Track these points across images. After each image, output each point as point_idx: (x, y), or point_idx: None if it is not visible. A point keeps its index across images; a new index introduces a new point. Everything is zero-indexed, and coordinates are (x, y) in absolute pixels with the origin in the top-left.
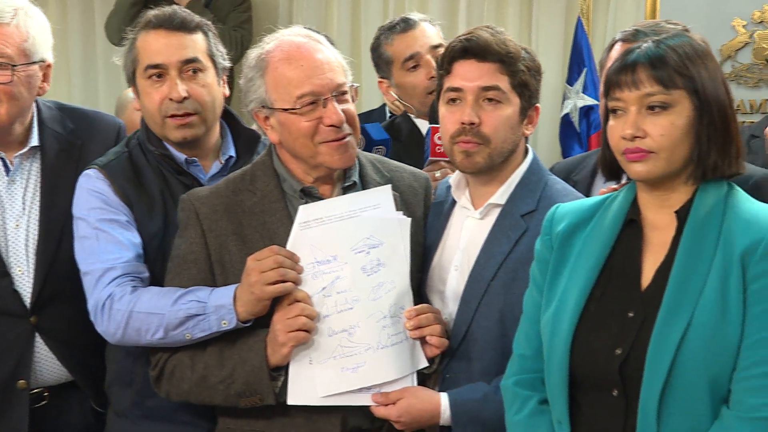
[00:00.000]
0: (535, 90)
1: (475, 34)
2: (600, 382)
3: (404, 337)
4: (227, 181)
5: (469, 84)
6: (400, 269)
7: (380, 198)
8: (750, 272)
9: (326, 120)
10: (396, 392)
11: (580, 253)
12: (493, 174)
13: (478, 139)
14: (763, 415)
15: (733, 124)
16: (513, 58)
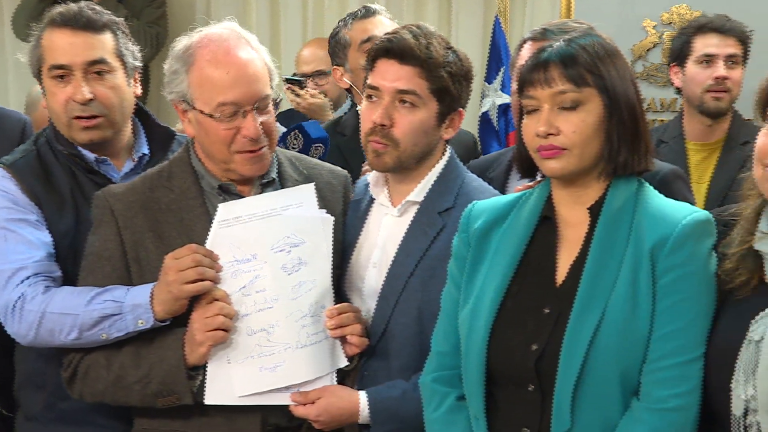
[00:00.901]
0: (457, 95)
1: (399, 35)
2: (516, 378)
3: (324, 336)
4: (144, 177)
5: (387, 84)
6: (321, 268)
7: (303, 196)
8: (659, 266)
9: (244, 131)
10: (315, 391)
11: (497, 250)
12: (410, 172)
13: (387, 140)
14: (671, 405)
15: (642, 122)
16: (434, 63)
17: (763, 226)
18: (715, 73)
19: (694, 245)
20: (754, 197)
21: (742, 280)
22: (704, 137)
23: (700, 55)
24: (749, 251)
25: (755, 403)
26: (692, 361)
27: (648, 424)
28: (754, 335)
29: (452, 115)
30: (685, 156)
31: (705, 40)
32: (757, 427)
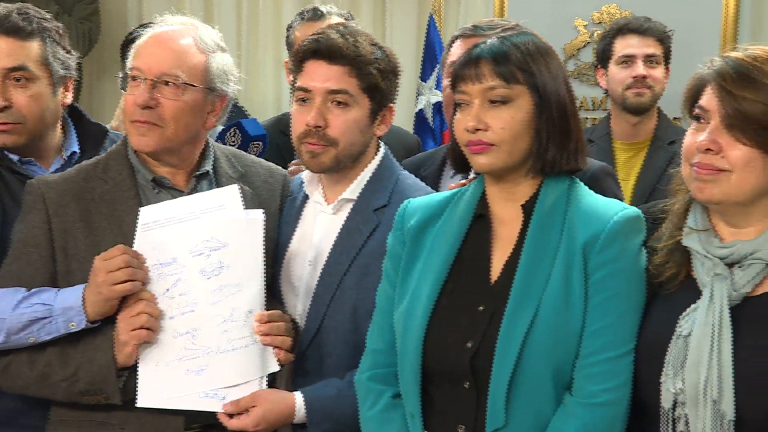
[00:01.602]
0: (387, 91)
1: (326, 34)
2: (452, 375)
3: (253, 341)
4: (79, 168)
5: (318, 85)
6: (248, 271)
7: (226, 198)
8: (591, 263)
9: (133, 98)
10: (247, 399)
11: (432, 248)
12: (345, 170)
13: (324, 141)
14: (602, 400)
15: (573, 121)
16: (363, 61)
17: (690, 221)
18: (634, 72)
19: (624, 242)
20: (683, 193)
21: (670, 274)
22: (631, 136)
23: (620, 56)
24: (677, 246)
25: (683, 396)
26: (622, 355)
27: (580, 418)
28: (682, 330)
29: (383, 112)
30: (612, 155)
31: (625, 41)
32: (685, 419)
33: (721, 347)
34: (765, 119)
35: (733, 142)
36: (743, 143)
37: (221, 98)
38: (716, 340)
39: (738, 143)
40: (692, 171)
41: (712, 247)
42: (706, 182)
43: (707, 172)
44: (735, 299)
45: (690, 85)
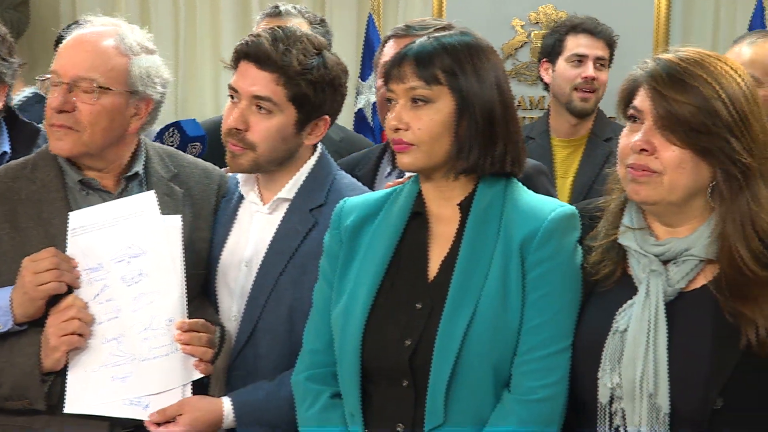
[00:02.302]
0: (319, 103)
1: (259, 38)
2: (391, 374)
3: (174, 349)
4: (7, 168)
5: (244, 88)
6: (167, 279)
7: (143, 204)
8: (528, 261)
9: (50, 101)
10: (174, 407)
11: (369, 247)
12: (280, 169)
13: (243, 144)
14: (539, 396)
15: (500, 125)
16: (292, 71)
17: (626, 220)
18: (584, 72)
19: (560, 239)
20: (618, 192)
21: (606, 272)
22: (569, 134)
23: (572, 54)
24: (613, 244)
25: (620, 390)
26: (560, 352)
27: (517, 415)
28: (619, 325)
29: (316, 122)
30: (550, 152)
31: (577, 40)
32: (622, 413)
33: (656, 342)
34: (694, 120)
35: (665, 143)
36: (675, 144)
37: (146, 101)
38: (652, 335)
39: (670, 144)
40: (627, 173)
41: (648, 245)
42: (641, 184)
43: (641, 174)
44: (670, 295)
45: (624, 87)
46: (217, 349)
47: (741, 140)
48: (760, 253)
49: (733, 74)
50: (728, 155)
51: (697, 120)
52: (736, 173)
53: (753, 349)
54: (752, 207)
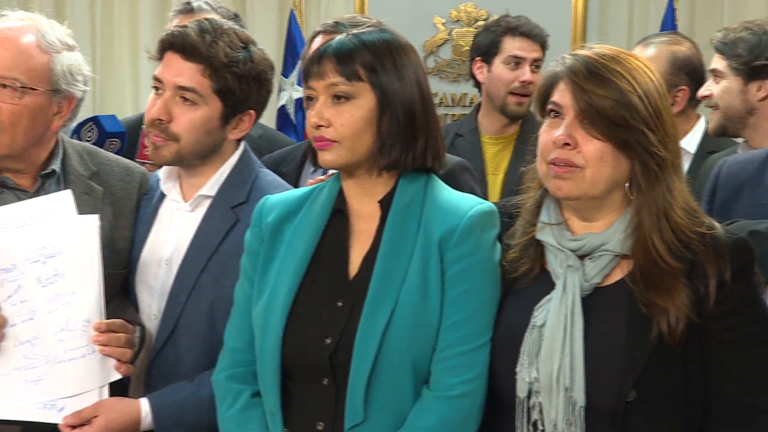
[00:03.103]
0: (244, 97)
1: (185, 29)
2: (311, 372)
3: (91, 350)
4: None
5: (169, 78)
6: (84, 279)
7: (58, 203)
8: (447, 258)
9: None
10: (89, 409)
11: (290, 244)
12: (202, 164)
13: (166, 135)
14: (458, 392)
15: (421, 121)
16: (218, 63)
17: (544, 216)
18: (522, 76)
19: (479, 236)
20: (535, 189)
21: (525, 269)
22: (499, 131)
23: (509, 56)
24: (531, 241)
25: (538, 384)
26: (478, 348)
27: (437, 412)
28: (537, 320)
29: (241, 116)
30: (480, 149)
31: (514, 42)
32: (540, 407)
33: (573, 336)
34: (614, 114)
35: (587, 137)
36: (596, 138)
37: (68, 99)
38: (569, 330)
39: (592, 138)
40: (549, 169)
41: (565, 240)
42: (564, 180)
43: (564, 170)
44: (586, 290)
45: (543, 82)
46: (137, 350)
47: (656, 133)
48: (673, 245)
49: (645, 70)
50: (645, 148)
51: (617, 113)
52: (653, 166)
53: (664, 339)
54: (667, 198)
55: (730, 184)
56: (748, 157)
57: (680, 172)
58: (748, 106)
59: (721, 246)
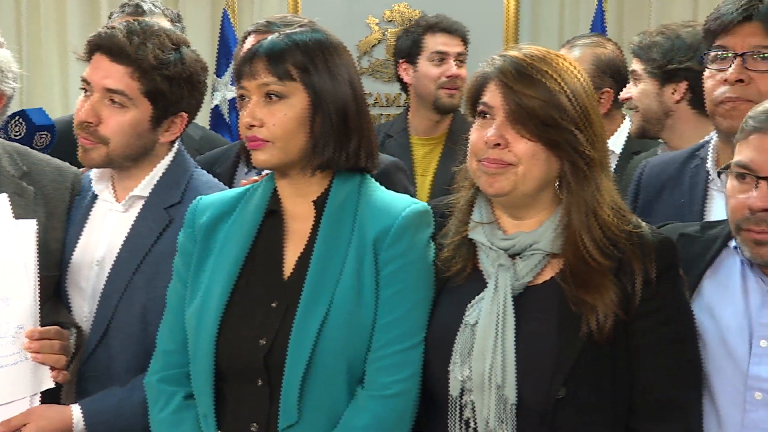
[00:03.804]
0: (175, 99)
1: (113, 30)
2: (245, 373)
3: (23, 357)
4: None
5: (97, 81)
6: (19, 285)
7: None
8: (381, 257)
9: None
10: (20, 417)
11: (223, 245)
12: (135, 166)
13: (94, 138)
14: (392, 392)
15: (354, 121)
16: (147, 66)
17: (476, 215)
18: (448, 71)
19: (413, 236)
20: (467, 188)
21: (458, 268)
22: (428, 132)
23: (433, 53)
24: (464, 240)
25: (470, 383)
26: (412, 347)
27: (371, 411)
28: (469, 319)
29: (173, 119)
30: (410, 149)
31: (435, 38)
32: (472, 405)
33: (504, 335)
34: (543, 114)
35: (517, 136)
36: (526, 138)
37: None
38: (500, 328)
39: (522, 138)
40: (480, 166)
41: (496, 239)
42: (494, 176)
43: (496, 166)
44: (517, 288)
45: (472, 83)
46: (72, 355)
47: (585, 133)
48: (602, 243)
49: (573, 71)
50: (575, 147)
51: (546, 113)
52: (582, 165)
53: (593, 336)
54: (596, 197)
55: (652, 185)
56: (669, 158)
57: (608, 171)
58: (665, 109)
59: (647, 245)
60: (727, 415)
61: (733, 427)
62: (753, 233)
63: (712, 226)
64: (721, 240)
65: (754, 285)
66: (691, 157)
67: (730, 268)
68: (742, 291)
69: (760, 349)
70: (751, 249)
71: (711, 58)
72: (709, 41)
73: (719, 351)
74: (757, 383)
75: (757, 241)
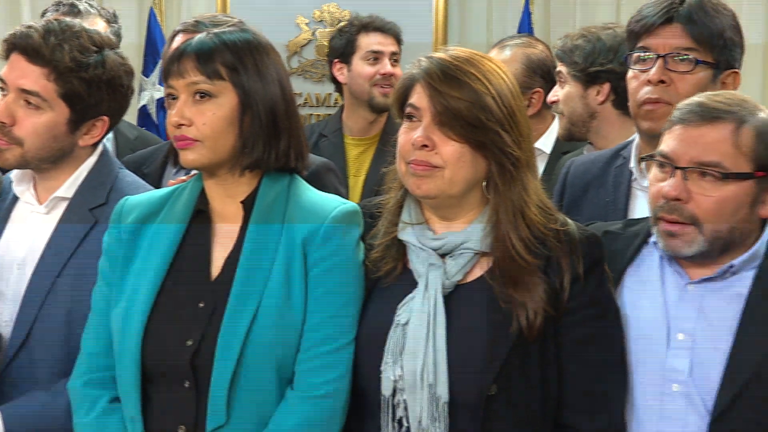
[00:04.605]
0: (95, 103)
1: (30, 30)
2: (172, 375)
3: None
4: None
5: (12, 81)
6: None
7: None
8: (310, 258)
9: None
10: None
11: (150, 246)
12: (55, 167)
13: (8, 138)
14: (322, 392)
15: (284, 121)
16: (63, 68)
17: (405, 216)
18: (382, 69)
19: (342, 236)
20: (396, 189)
21: (388, 269)
22: (362, 132)
23: (368, 52)
24: (393, 241)
25: (402, 382)
26: (342, 347)
27: (300, 412)
28: (400, 319)
29: (93, 122)
30: (343, 150)
31: (369, 38)
32: (404, 404)
33: (435, 333)
34: (470, 116)
35: (444, 138)
36: (453, 139)
37: None
38: (431, 327)
39: (449, 139)
40: (408, 168)
41: (426, 239)
42: (422, 178)
43: (423, 168)
44: (448, 287)
45: (400, 85)
46: None
47: (511, 134)
48: (530, 241)
49: (499, 72)
50: (501, 148)
51: (472, 115)
52: (509, 165)
53: (524, 333)
54: (523, 197)
55: (578, 184)
56: (594, 158)
57: (535, 171)
58: (590, 111)
59: (574, 242)
60: (645, 407)
61: (651, 418)
62: (665, 222)
63: (634, 223)
64: (642, 236)
65: (671, 279)
66: (615, 156)
67: (650, 263)
68: (661, 285)
69: (677, 342)
70: (664, 240)
71: (634, 59)
72: (632, 42)
73: (639, 344)
74: (674, 375)
75: (667, 232)
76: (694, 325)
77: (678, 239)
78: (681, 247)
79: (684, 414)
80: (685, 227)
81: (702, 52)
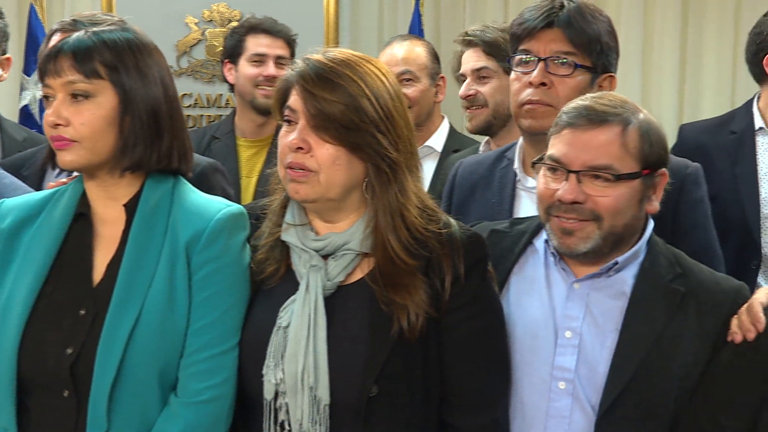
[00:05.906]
0: None
1: None
2: (50, 384)
3: None
4: None
5: None
6: None
7: None
8: (194, 261)
9: None
10: None
11: (28, 250)
12: None
13: None
14: (206, 397)
15: (166, 122)
16: None
17: (288, 217)
18: (265, 71)
19: (227, 239)
20: (281, 191)
21: (271, 270)
22: (255, 134)
23: (252, 54)
24: (277, 242)
25: (284, 386)
26: (226, 351)
27: (183, 418)
28: (282, 321)
29: None
30: (236, 151)
31: (257, 40)
32: (286, 408)
33: (316, 335)
34: (343, 118)
35: (319, 141)
36: (328, 142)
37: None
38: (312, 329)
39: (324, 142)
40: (287, 173)
41: (308, 240)
42: (299, 184)
43: (299, 174)
44: (329, 288)
45: (278, 86)
46: None
47: (387, 136)
48: (409, 243)
49: (378, 74)
50: (377, 150)
51: (346, 117)
52: (385, 168)
53: (405, 335)
54: (400, 199)
55: (465, 185)
56: (481, 159)
57: (416, 173)
58: None
59: (455, 242)
60: (532, 405)
61: (538, 416)
62: (563, 220)
63: (520, 222)
64: (528, 235)
65: (558, 278)
66: (500, 158)
67: (536, 261)
68: (547, 284)
69: (564, 340)
70: (559, 238)
71: (516, 61)
72: (514, 45)
73: (527, 343)
74: (561, 373)
75: (564, 230)
76: (581, 323)
77: (574, 236)
78: (576, 244)
79: (570, 412)
80: (584, 223)
81: (580, 56)
